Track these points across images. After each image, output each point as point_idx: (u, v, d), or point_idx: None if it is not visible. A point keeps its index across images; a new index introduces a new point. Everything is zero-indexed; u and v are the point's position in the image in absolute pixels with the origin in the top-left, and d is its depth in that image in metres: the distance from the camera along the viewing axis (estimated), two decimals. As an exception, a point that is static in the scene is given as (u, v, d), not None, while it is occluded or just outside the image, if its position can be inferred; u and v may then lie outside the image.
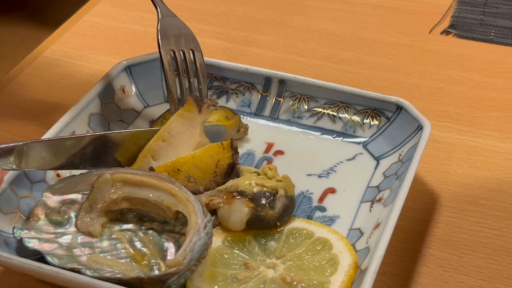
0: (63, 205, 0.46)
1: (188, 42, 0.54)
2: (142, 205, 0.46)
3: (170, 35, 0.54)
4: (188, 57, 0.54)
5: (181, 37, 0.54)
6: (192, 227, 0.42)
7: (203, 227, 0.42)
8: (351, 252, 0.44)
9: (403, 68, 0.65)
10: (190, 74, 0.54)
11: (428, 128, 0.50)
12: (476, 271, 0.47)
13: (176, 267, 0.40)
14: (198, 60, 0.55)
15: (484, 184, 0.53)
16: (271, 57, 0.66)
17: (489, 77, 0.63)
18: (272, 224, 0.46)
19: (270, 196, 0.47)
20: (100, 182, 0.46)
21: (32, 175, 0.48)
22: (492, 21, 0.71)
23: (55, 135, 0.51)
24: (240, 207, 0.46)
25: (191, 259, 0.41)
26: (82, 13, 0.73)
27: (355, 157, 0.53)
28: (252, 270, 0.44)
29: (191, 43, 0.55)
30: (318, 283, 0.43)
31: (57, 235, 0.45)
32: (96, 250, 0.45)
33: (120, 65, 0.57)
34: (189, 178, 0.48)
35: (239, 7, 0.74)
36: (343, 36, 0.69)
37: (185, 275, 0.41)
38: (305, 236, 0.46)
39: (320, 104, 0.56)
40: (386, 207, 0.47)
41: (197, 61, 0.54)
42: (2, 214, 0.46)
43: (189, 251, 0.41)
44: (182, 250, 0.41)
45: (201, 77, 0.54)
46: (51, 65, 0.66)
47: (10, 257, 0.42)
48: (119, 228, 0.46)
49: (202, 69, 0.55)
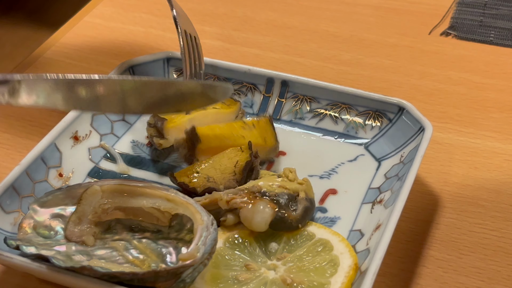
0: (50, 218, 0.46)
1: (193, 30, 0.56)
2: (134, 215, 0.46)
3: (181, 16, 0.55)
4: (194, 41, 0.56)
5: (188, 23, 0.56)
6: (199, 224, 0.42)
7: (211, 223, 0.42)
8: (352, 254, 0.44)
9: (403, 69, 0.65)
10: (195, 55, 0.55)
11: (429, 130, 0.50)
12: (476, 272, 0.47)
13: (191, 260, 0.40)
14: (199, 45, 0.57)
15: (484, 185, 0.53)
16: (271, 58, 0.67)
17: (489, 78, 0.64)
18: (294, 226, 0.46)
19: (292, 198, 0.47)
20: (89, 194, 0.46)
21: (34, 175, 0.49)
22: (491, 22, 0.71)
23: (57, 135, 0.51)
24: (264, 208, 0.45)
25: (204, 252, 0.41)
26: (83, 14, 0.73)
27: (356, 158, 0.53)
28: (253, 272, 0.44)
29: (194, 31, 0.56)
30: (318, 284, 0.43)
31: (50, 245, 0.45)
32: (94, 258, 0.44)
33: (123, 65, 0.57)
34: (208, 178, 0.48)
35: (240, 8, 0.74)
36: (343, 37, 0.69)
37: (198, 268, 0.41)
38: (305, 238, 0.46)
39: (322, 105, 0.56)
40: (386, 209, 0.47)
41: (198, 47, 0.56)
42: (5, 213, 0.46)
43: (202, 244, 0.41)
44: (194, 244, 0.41)
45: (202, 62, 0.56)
46: (51, 65, 0.66)
47: (11, 256, 0.42)
48: (111, 238, 0.46)
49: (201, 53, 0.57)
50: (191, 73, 0.55)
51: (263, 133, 0.52)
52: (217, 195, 0.46)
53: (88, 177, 0.52)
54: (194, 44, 0.56)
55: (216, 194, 0.46)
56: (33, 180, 0.48)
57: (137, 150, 0.55)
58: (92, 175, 0.52)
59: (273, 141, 0.52)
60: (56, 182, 0.50)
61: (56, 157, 0.51)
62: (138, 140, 0.55)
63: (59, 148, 0.51)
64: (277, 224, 0.46)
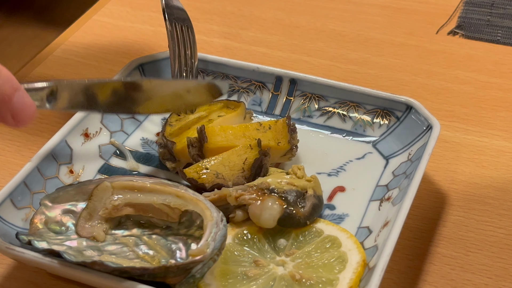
0: (61, 214, 0.46)
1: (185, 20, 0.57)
2: (144, 211, 0.46)
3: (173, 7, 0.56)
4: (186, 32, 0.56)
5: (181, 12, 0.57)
6: (209, 221, 0.43)
7: (220, 220, 0.43)
8: (360, 250, 0.45)
9: (410, 68, 0.65)
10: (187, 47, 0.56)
11: (437, 128, 0.50)
12: (483, 269, 0.47)
13: (201, 255, 0.41)
14: (191, 36, 0.57)
15: (491, 183, 0.53)
16: (278, 56, 0.67)
17: (496, 78, 0.64)
18: (302, 222, 0.46)
19: (300, 195, 0.47)
20: (100, 190, 0.46)
21: (45, 171, 0.49)
22: (499, 21, 0.71)
23: (68, 132, 0.51)
24: (272, 205, 0.46)
25: (214, 248, 0.41)
26: (92, 13, 0.74)
27: (364, 156, 0.54)
28: (262, 267, 0.44)
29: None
30: (327, 280, 0.43)
31: (62, 240, 0.45)
32: (105, 253, 0.44)
33: (132, 63, 0.57)
34: (217, 174, 0.48)
35: (247, 7, 0.74)
36: (350, 36, 0.70)
37: (208, 264, 0.41)
38: (314, 234, 0.46)
39: (330, 104, 0.56)
40: (394, 206, 0.47)
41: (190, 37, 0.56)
42: (16, 209, 0.46)
43: (211, 240, 0.41)
44: (204, 240, 0.41)
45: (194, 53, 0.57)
46: (61, 63, 0.67)
47: (23, 251, 0.43)
48: (121, 234, 0.46)
49: (194, 45, 0.57)
50: (180, 69, 0.55)
51: (277, 136, 0.52)
52: (226, 191, 0.47)
53: (99, 173, 0.52)
54: (188, 36, 0.56)
55: (225, 190, 0.47)
56: (44, 177, 0.49)
57: (146, 147, 0.55)
58: (103, 171, 0.52)
59: (287, 145, 0.52)
60: (67, 179, 0.50)
61: (67, 154, 0.51)
62: (148, 138, 0.56)
63: (70, 145, 0.52)
64: (285, 221, 0.46)
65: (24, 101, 0.39)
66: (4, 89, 0.38)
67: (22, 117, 0.39)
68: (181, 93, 0.47)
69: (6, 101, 0.38)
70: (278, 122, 0.52)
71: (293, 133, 0.52)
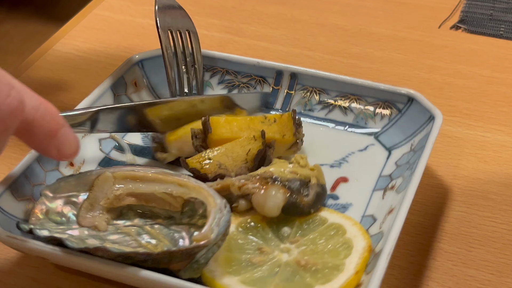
0: (62, 205, 0.46)
1: (185, 23, 0.56)
2: (146, 201, 0.46)
3: (167, 14, 0.55)
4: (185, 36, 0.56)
5: (178, 17, 0.56)
6: (212, 207, 0.42)
7: (224, 206, 0.42)
8: (365, 236, 0.44)
9: (412, 63, 0.65)
10: (188, 58, 0.56)
11: (439, 118, 0.50)
12: (485, 265, 0.47)
13: (205, 240, 0.40)
14: (195, 42, 0.56)
15: (494, 178, 0.53)
16: (280, 51, 0.67)
17: (499, 72, 0.64)
18: (306, 211, 0.46)
19: (303, 184, 0.47)
20: (101, 180, 0.46)
21: (45, 164, 0.49)
22: (501, 16, 0.71)
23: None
24: (276, 193, 0.45)
25: (218, 233, 0.41)
26: (92, 6, 0.74)
27: (367, 148, 0.53)
28: (266, 255, 0.44)
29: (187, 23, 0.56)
30: (333, 266, 0.43)
31: (63, 229, 0.45)
32: (107, 242, 0.44)
33: (133, 59, 0.57)
34: (220, 165, 0.48)
35: (248, 1, 0.74)
36: (352, 31, 0.69)
37: (212, 249, 0.41)
38: (318, 222, 0.46)
39: (331, 97, 0.56)
40: (399, 194, 0.47)
41: (193, 43, 0.56)
42: (16, 200, 0.46)
43: (215, 225, 0.41)
44: (208, 225, 0.41)
45: (198, 64, 0.56)
46: (61, 58, 0.66)
47: (25, 239, 0.42)
48: (123, 224, 0.46)
49: (198, 54, 0.56)
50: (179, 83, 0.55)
51: (282, 129, 0.51)
52: (229, 181, 0.46)
53: (99, 167, 0.52)
54: (187, 41, 0.55)
55: (228, 180, 0.47)
56: (44, 169, 0.48)
57: (146, 141, 0.55)
58: (103, 165, 0.52)
59: (292, 138, 0.52)
60: (67, 172, 0.50)
61: (68, 147, 0.51)
62: (148, 132, 0.55)
63: (71, 138, 0.51)
64: (289, 209, 0.46)
65: (68, 136, 0.41)
66: (51, 125, 0.40)
67: (66, 151, 0.42)
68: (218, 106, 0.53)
69: (52, 137, 0.40)
70: (284, 115, 0.52)
71: (299, 127, 0.52)
